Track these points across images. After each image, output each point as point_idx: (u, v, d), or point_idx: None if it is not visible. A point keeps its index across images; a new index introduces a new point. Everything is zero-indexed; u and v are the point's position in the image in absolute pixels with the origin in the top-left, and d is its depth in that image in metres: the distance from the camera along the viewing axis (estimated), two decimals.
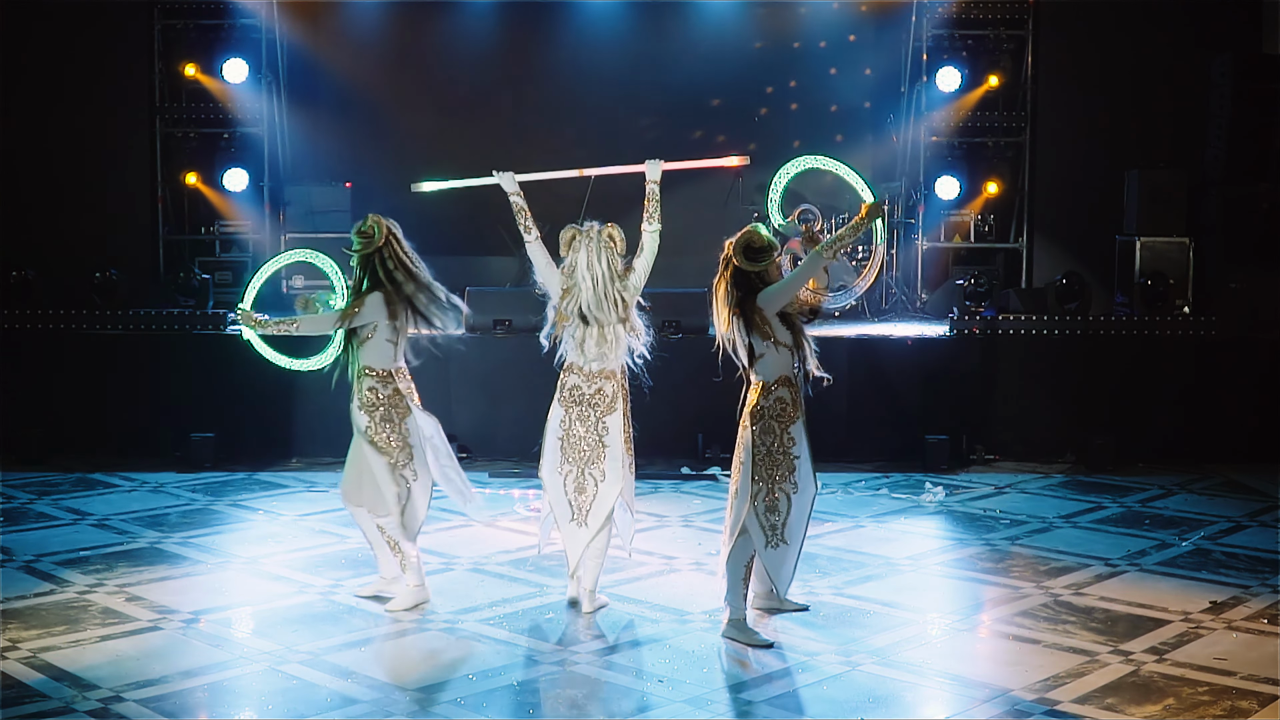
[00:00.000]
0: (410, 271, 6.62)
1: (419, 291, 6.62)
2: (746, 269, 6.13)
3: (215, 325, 10.68)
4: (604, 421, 6.43)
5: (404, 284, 6.59)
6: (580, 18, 13.37)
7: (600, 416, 6.43)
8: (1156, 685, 5.59)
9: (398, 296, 6.58)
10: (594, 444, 6.43)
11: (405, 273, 6.60)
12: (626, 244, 6.52)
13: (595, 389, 6.44)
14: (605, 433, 6.43)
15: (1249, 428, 10.34)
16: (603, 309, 6.37)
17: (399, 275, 6.59)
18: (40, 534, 8.10)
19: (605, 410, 6.43)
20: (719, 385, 6.70)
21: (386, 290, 6.57)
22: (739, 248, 6.17)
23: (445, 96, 13.51)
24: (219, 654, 5.96)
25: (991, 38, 13.17)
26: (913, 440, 10.14)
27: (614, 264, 6.43)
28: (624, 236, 6.51)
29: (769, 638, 6.13)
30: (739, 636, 6.09)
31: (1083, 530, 8.35)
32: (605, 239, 6.48)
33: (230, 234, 13.15)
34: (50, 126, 12.50)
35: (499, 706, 5.38)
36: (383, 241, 6.60)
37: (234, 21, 12.92)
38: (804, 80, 13.58)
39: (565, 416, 6.46)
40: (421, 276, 6.65)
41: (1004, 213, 13.32)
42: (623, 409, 6.46)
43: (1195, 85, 11.94)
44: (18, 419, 10.25)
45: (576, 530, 6.50)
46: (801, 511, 6.21)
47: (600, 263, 6.41)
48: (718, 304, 6.23)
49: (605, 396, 6.44)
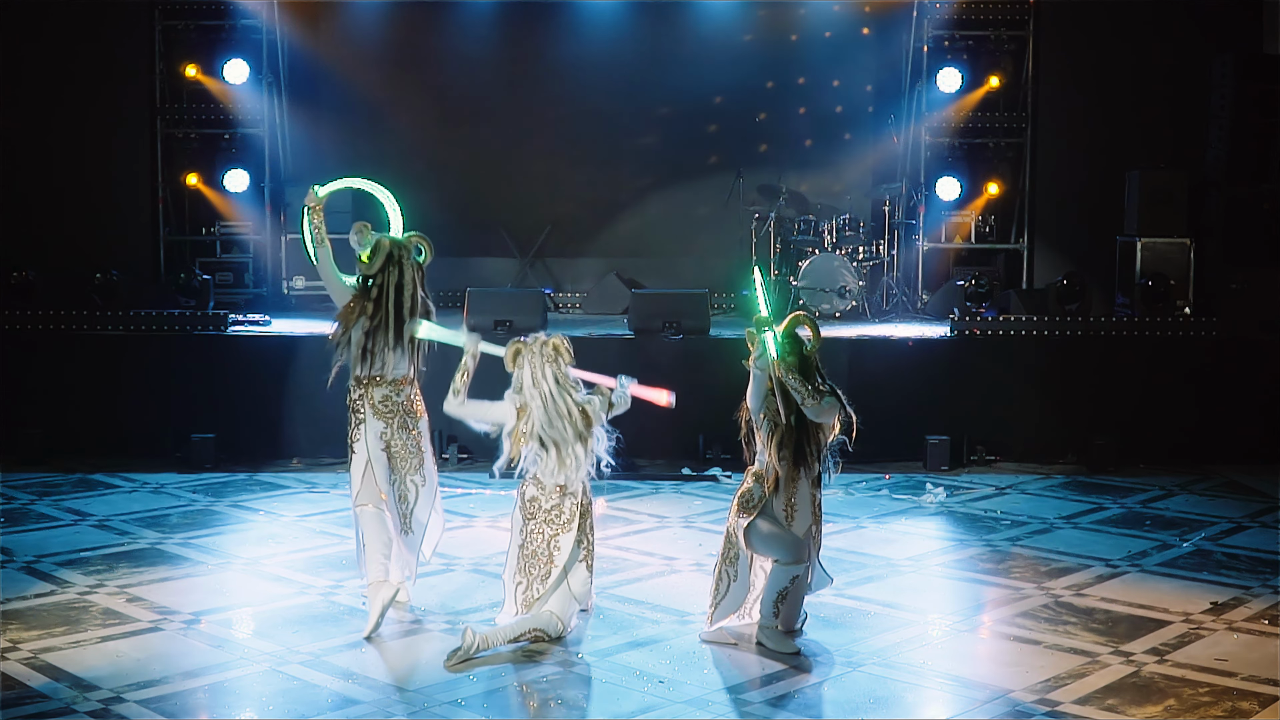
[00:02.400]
0: (403, 301, 6.38)
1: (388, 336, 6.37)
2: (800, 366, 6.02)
3: (216, 326, 10.68)
4: (557, 540, 6.09)
5: (375, 311, 6.35)
6: (581, 18, 13.37)
7: (554, 535, 6.09)
8: (1157, 686, 5.59)
9: (357, 310, 6.36)
10: (545, 560, 6.10)
11: (394, 300, 6.36)
12: (573, 354, 6.11)
13: (553, 504, 6.12)
14: (557, 551, 6.08)
15: (1250, 428, 10.34)
16: (555, 427, 6.01)
17: (383, 300, 6.35)
18: (41, 535, 8.10)
19: (561, 528, 6.09)
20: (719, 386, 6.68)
21: (356, 296, 6.39)
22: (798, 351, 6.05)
23: (445, 96, 13.51)
24: (220, 655, 5.96)
25: (992, 38, 13.17)
26: (913, 441, 10.14)
27: (560, 376, 6.02)
28: (569, 346, 6.08)
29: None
30: (770, 643, 6.07)
31: (1084, 531, 8.35)
32: (549, 350, 6.03)
33: (231, 235, 13.17)
34: (51, 127, 12.50)
35: (499, 706, 5.38)
36: (380, 265, 6.35)
37: (235, 22, 12.93)
38: (805, 81, 13.58)
39: (524, 526, 6.16)
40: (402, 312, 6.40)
41: (1005, 213, 13.32)
42: (578, 525, 6.12)
43: (1196, 85, 11.94)
44: (18, 419, 10.25)
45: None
46: None
47: (545, 378, 6.00)
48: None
49: (562, 514, 6.10)
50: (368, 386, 6.42)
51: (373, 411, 6.42)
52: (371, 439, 6.39)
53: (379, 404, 6.42)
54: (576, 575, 6.12)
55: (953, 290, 12.23)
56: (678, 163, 13.60)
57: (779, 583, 6.07)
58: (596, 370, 6.70)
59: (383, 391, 6.43)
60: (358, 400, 6.43)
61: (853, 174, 13.66)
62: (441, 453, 10.21)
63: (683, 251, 13.60)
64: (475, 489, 9.37)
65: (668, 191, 13.62)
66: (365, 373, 6.42)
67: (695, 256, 13.49)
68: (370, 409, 6.40)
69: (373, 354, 6.38)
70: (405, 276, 6.43)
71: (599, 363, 6.84)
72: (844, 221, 12.57)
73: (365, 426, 6.41)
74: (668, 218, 13.61)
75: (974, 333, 10.67)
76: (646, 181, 13.60)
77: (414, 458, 6.50)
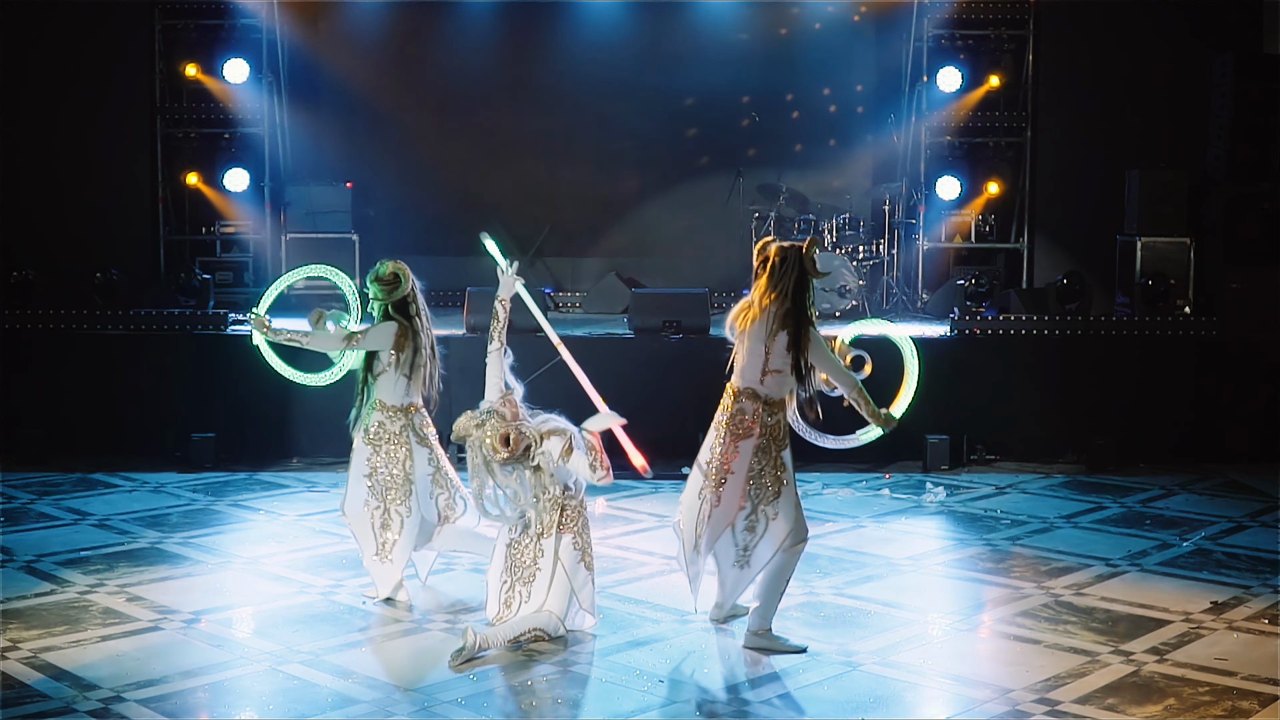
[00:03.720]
0: (427, 326, 6.68)
1: (427, 352, 6.67)
2: (814, 277, 6.03)
3: (216, 325, 10.68)
4: (541, 545, 6.07)
5: (421, 332, 6.63)
6: (580, 18, 13.37)
7: (539, 536, 6.08)
8: (1157, 685, 5.59)
9: (409, 332, 6.59)
10: (530, 563, 6.09)
11: (424, 322, 6.67)
12: (520, 448, 5.92)
13: (542, 508, 6.10)
14: (541, 555, 6.06)
15: (1250, 428, 10.34)
16: (516, 500, 6.00)
17: (419, 322, 6.64)
18: (41, 534, 8.10)
19: (545, 530, 6.07)
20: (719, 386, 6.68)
21: (401, 324, 6.59)
22: (811, 255, 6.01)
23: (445, 96, 13.51)
24: (219, 654, 5.96)
25: (992, 38, 13.17)
26: (914, 440, 10.13)
27: (492, 469, 5.92)
28: (510, 442, 5.88)
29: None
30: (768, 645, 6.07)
31: (1084, 530, 8.35)
32: (487, 449, 5.89)
33: (231, 234, 13.16)
34: (51, 127, 12.49)
35: (499, 706, 5.38)
36: (409, 290, 6.62)
37: (235, 22, 12.92)
38: (805, 81, 13.58)
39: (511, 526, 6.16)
40: (430, 340, 6.71)
41: (1005, 213, 13.32)
42: (571, 526, 6.09)
43: (1196, 85, 11.94)
44: (18, 419, 10.25)
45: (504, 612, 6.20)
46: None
47: (488, 470, 5.93)
48: (770, 300, 5.99)
49: (551, 518, 6.07)
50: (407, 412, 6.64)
51: (364, 437, 6.63)
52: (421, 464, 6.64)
53: (374, 431, 6.62)
54: (577, 576, 6.11)
55: (953, 289, 12.23)
56: (678, 162, 13.59)
57: (790, 568, 6.05)
58: (598, 372, 6.73)
59: (379, 417, 6.62)
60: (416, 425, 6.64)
61: (853, 173, 13.65)
62: None
63: (683, 251, 13.60)
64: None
65: (668, 191, 13.61)
66: (412, 398, 6.63)
67: (695, 256, 13.48)
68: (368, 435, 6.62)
69: (431, 376, 6.65)
70: (420, 301, 6.69)
71: (600, 362, 6.84)
72: (844, 221, 12.57)
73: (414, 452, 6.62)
74: (668, 218, 13.61)
75: (974, 332, 10.67)
76: (647, 181, 13.59)
77: (401, 488, 6.60)
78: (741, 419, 6.07)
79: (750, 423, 6.05)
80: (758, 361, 6.04)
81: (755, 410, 6.05)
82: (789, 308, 5.98)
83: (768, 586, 6.06)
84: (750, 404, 6.06)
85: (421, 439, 6.65)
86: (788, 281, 5.99)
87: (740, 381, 6.11)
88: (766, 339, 6.01)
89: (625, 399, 6.98)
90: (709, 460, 6.14)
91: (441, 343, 6.96)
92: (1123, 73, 12.56)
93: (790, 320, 5.98)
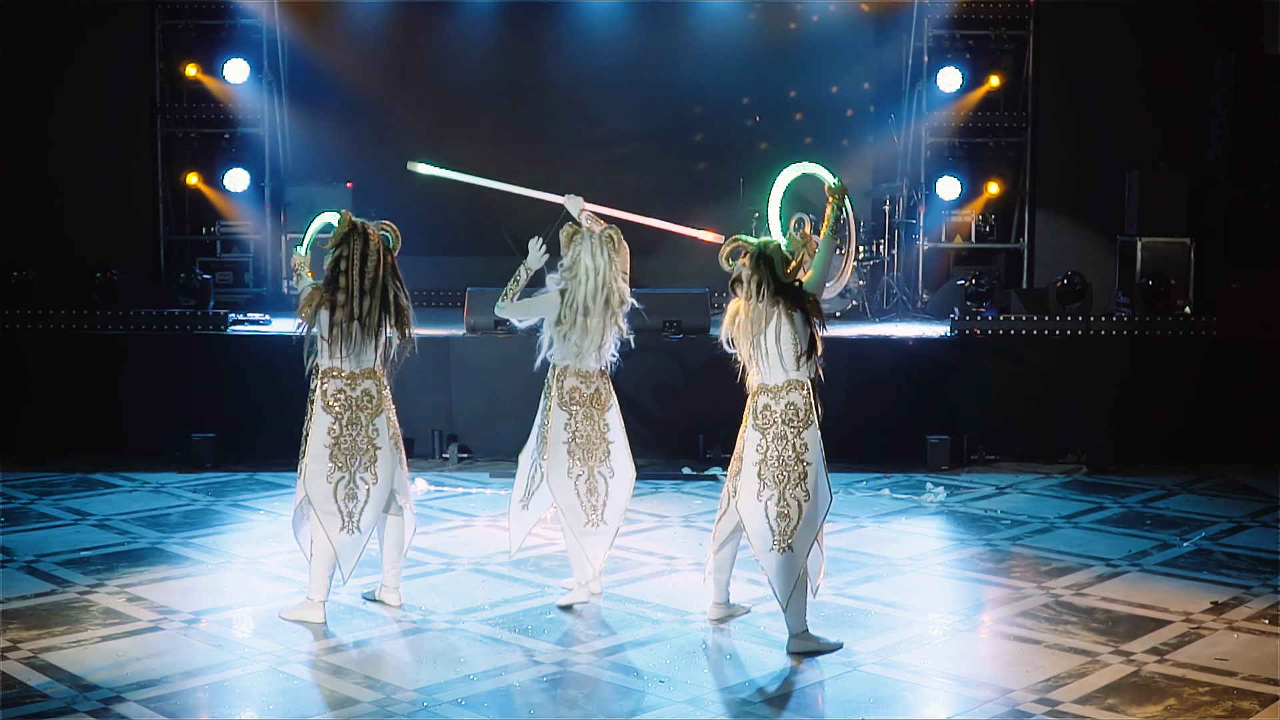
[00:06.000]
0: (364, 289, 6.21)
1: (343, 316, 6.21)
2: (787, 281, 5.95)
3: (216, 325, 10.68)
4: (605, 419, 6.53)
5: (344, 297, 6.20)
6: (581, 18, 13.37)
7: (601, 414, 6.53)
8: (1158, 686, 5.59)
9: (321, 295, 6.23)
10: (600, 442, 6.50)
11: (356, 288, 6.19)
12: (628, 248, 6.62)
13: (593, 389, 6.53)
14: (607, 429, 6.53)
15: (1250, 428, 10.33)
16: (597, 299, 6.46)
17: (349, 282, 6.19)
18: (41, 534, 8.10)
19: (604, 408, 6.55)
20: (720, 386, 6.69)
21: (315, 286, 6.30)
22: (773, 267, 5.92)
23: (445, 96, 13.51)
24: (220, 654, 5.96)
25: (992, 38, 13.18)
26: (914, 440, 10.14)
27: (613, 260, 6.53)
28: (623, 239, 6.62)
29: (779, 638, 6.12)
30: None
31: (1084, 530, 8.35)
32: (605, 238, 6.57)
33: (231, 234, 13.17)
34: (51, 127, 12.50)
35: (499, 706, 5.38)
36: (347, 250, 6.22)
37: (235, 22, 12.93)
38: (805, 81, 13.58)
39: (569, 419, 6.48)
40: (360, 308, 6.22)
41: (1005, 213, 13.32)
42: (616, 405, 6.61)
43: (1196, 85, 11.94)
44: (18, 419, 10.25)
45: (593, 532, 6.52)
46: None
47: (601, 256, 6.51)
48: (756, 319, 5.93)
49: (601, 395, 6.55)
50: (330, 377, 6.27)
51: (323, 405, 6.32)
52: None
53: (332, 397, 6.31)
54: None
55: (953, 290, 12.23)
56: (678, 162, 13.59)
57: (816, 560, 6.03)
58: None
59: (337, 384, 6.30)
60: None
61: (853, 173, 13.63)
62: (441, 452, 10.21)
63: (683, 251, 13.58)
64: (475, 489, 9.36)
65: (668, 191, 13.61)
66: (332, 362, 6.26)
67: (695, 256, 13.47)
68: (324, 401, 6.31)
69: (346, 338, 6.18)
70: (370, 246, 6.21)
71: None
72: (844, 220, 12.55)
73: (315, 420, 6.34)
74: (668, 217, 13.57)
75: (974, 332, 10.67)
76: (647, 181, 13.59)
77: (365, 454, 6.38)
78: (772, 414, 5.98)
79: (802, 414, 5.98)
80: (773, 355, 5.95)
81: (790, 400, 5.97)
82: (777, 297, 5.92)
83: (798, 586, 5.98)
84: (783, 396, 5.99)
85: (327, 407, 6.35)
86: (766, 286, 5.91)
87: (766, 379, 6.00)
88: (768, 335, 5.98)
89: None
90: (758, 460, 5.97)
91: (441, 343, 6.94)
92: (1123, 73, 12.57)
93: (785, 301, 5.92)
